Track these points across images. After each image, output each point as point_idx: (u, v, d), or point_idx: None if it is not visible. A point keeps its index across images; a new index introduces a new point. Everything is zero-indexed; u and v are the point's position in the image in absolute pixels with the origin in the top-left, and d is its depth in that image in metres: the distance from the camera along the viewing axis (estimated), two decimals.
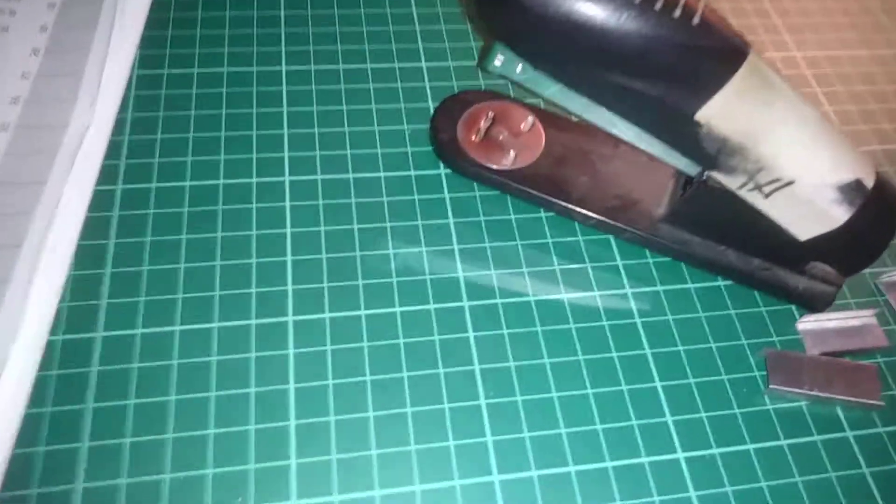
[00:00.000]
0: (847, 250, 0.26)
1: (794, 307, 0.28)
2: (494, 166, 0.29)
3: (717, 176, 0.25)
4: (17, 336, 0.23)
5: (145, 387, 0.24)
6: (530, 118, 0.31)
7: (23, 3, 0.31)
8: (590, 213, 0.28)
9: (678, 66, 0.22)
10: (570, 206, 0.28)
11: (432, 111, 0.31)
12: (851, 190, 0.24)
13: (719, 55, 0.22)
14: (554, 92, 0.25)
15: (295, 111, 0.31)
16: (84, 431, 0.22)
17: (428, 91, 0.33)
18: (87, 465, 0.22)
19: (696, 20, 0.22)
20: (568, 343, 0.26)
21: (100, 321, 0.25)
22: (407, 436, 0.24)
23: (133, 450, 0.22)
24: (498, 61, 0.25)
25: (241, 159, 0.29)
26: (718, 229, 0.27)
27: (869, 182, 0.24)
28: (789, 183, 0.24)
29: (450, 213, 0.29)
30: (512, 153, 0.29)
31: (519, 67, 0.25)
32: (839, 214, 0.24)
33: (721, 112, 0.23)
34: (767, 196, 0.24)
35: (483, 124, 0.30)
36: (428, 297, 0.27)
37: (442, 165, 0.30)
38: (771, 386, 0.25)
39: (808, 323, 0.27)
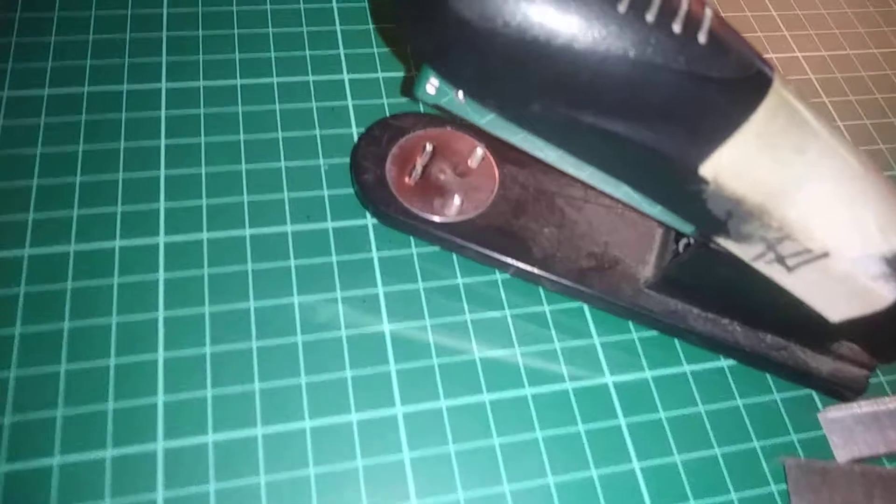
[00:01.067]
0: (892, 333, 0.20)
1: (814, 392, 0.22)
2: (434, 217, 0.22)
3: (726, 244, 0.18)
4: None
5: None
6: (479, 150, 0.24)
7: None
8: (556, 278, 0.22)
9: (677, 103, 0.16)
10: (531, 268, 0.22)
11: (356, 140, 0.24)
12: None
13: (733, 86, 0.16)
14: (507, 129, 0.18)
15: (174, 144, 0.24)
16: None
17: (351, 112, 0.26)
18: None
19: (702, 37, 0.15)
20: (534, 458, 0.20)
21: None
22: None
23: None
24: (431, 87, 0.18)
25: (103, 213, 0.22)
26: (722, 300, 0.21)
27: None
28: (822, 256, 0.18)
29: (378, 278, 0.22)
30: (456, 199, 0.23)
31: (460, 95, 0.18)
32: (887, 293, 0.18)
33: (735, 165, 0.16)
34: (792, 270, 0.18)
35: (420, 160, 0.23)
36: (349, 403, 0.20)
37: (368, 213, 0.24)
38: None
39: (834, 413, 0.22)
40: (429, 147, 0.24)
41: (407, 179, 0.23)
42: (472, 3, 0.15)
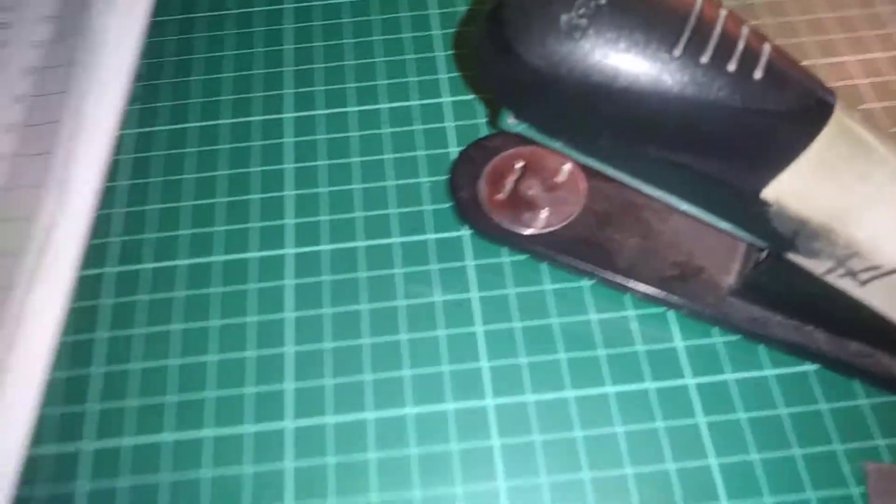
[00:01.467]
0: None
1: None
2: (523, 230, 0.25)
3: (796, 259, 0.19)
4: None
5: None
6: (567, 166, 0.26)
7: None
8: (641, 286, 0.23)
9: (735, 136, 0.17)
10: (617, 277, 0.24)
11: (453, 159, 0.27)
12: None
13: (792, 116, 0.17)
14: (580, 156, 0.20)
15: (300, 167, 0.28)
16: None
17: (450, 134, 0.28)
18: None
19: (758, 73, 0.17)
20: (614, 452, 0.22)
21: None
22: None
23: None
24: (511, 120, 0.20)
25: (240, 229, 0.26)
26: (804, 307, 0.22)
27: None
28: (893, 272, 0.18)
29: (472, 284, 0.25)
30: (544, 212, 0.25)
31: None
32: None
33: (796, 189, 0.17)
34: (864, 284, 0.19)
35: (510, 177, 0.26)
36: (444, 393, 0.23)
37: (466, 226, 0.26)
38: None
39: None
40: (519, 164, 0.26)
41: (498, 195, 0.25)
42: (541, 54, 0.17)
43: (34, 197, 0.24)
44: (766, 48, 0.17)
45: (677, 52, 0.16)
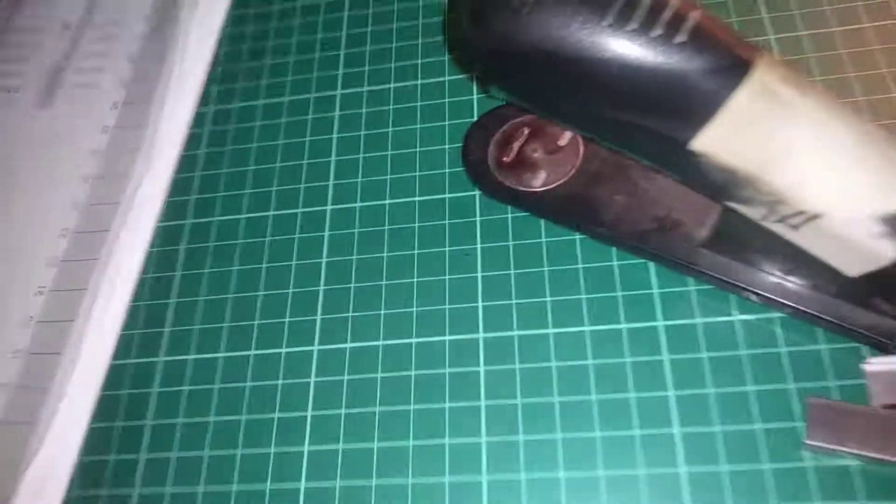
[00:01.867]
0: None
1: (864, 346, 0.24)
2: (523, 188, 0.28)
3: (737, 207, 0.22)
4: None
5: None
6: (569, 132, 0.29)
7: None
8: (621, 238, 0.26)
9: (663, 93, 0.20)
10: (601, 229, 0.27)
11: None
12: None
13: (711, 75, 0.19)
14: None
15: (343, 136, 0.33)
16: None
17: (475, 105, 0.32)
18: None
19: (680, 37, 0.19)
20: (582, 382, 0.25)
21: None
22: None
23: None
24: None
25: (290, 189, 0.32)
26: (763, 257, 0.24)
27: None
28: (816, 217, 0.20)
29: (478, 237, 0.29)
30: (543, 173, 0.28)
31: None
32: (887, 250, 0.20)
33: (721, 141, 0.20)
34: (796, 228, 0.21)
35: (517, 142, 0.29)
36: (444, 327, 0.27)
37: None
38: (807, 441, 0.22)
39: (877, 366, 0.23)
40: (525, 130, 0.29)
41: (505, 158, 0.29)
42: (495, 30, 0.21)
43: (130, 160, 0.30)
44: (694, 15, 0.20)
45: (607, 21, 0.19)
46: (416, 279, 0.28)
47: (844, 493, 0.22)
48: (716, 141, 0.20)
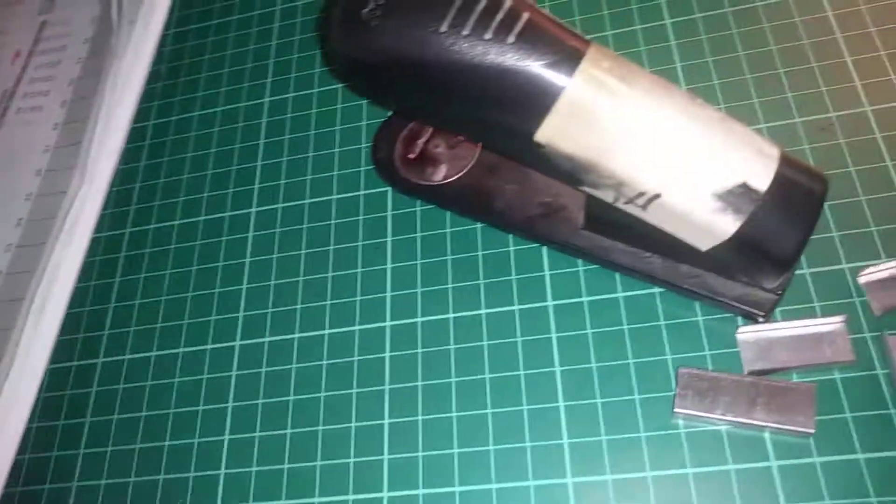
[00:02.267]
0: (753, 260, 0.22)
1: (739, 317, 0.25)
2: (426, 183, 0.30)
3: (590, 191, 0.23)
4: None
5: None
6: None
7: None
8: (512, 224, 0.28)
9: (502, 90, 0.21)
10: (492, 218, 0.28)
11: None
12: (736, 196, 0.21)
13: (543, 70, 0.21)
14: None
15: (269, 142, 0.34)
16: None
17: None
18: None
19: (511, 38, 0.21)
20: (478, 361, 0.26)
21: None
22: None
23: None
24: None
25: (219, 195, 0.33)
26: (636, 236, 0.25)
27: (761, 181, 0.21)
28: (656, 196, 0.21)
29: (389, 231, 0.30)
30: (444, 167, 0.30)
31: None
32: (725, 225, 0.21)
33: (558, 131, 0.21)
34: (644, 209, 0.22)
35: (421, 139, 0.31)
36: (355, 318, 0.29)
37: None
38: (675, 409, 0.23)
39: (749, 334, 0.24)
40: (429, 127, 0.31)
41: (410, 155, 0.30)
42: (348, 42, 0.22)
43: (68, 176, 0.33)
44: (524, 16, 0.21)
45: (443, 28, 0.21)
46: (330, 273, 0.30)
47: (715, 458, 0.23)
48: (554, 131, 0.21)
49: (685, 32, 0.31)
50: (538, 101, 0.21)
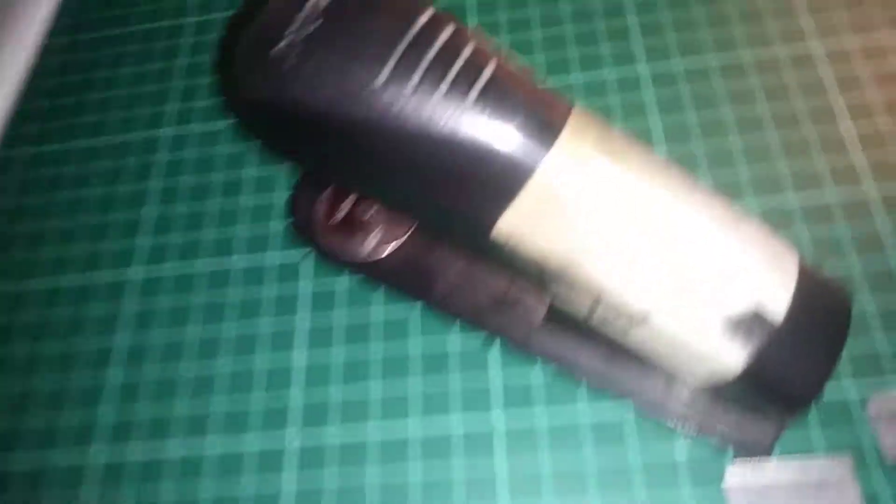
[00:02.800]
0: (762, 396, 0.18)
1: (728, 449, 0.20)
2: (350, 256, 0.24)
3: (557, 302, 0.18)
4: None
5: None
6: None
7: None
8: (453, 313, 0.22)
9: (452, 165, 0.16)
10: (433, 304, 0.23)
11: None
12: (745, 323, 0.16)
13: (510, 142, 0.16)
14: None
15: (165, 186, 0.28)
16: None
17: None
18: None
19: (470, 96, 0.15)
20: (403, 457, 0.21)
21: None
22: None
23: None
24: None
25: (94, 250, 0.27)
26: (607, 342, 0.20)
27: (779, 303, 0.16)
28: (643, 318, 0.16)
29: (299, 308, 0.24)
30: (375, 235, 0.24)
31: None
32: (731, 359, 0.16)
33: (524, 224, 0.16)
34: (626, 334, 0.17)
35: (349, 199, 0.25)
36: (247, 429, 0.23)
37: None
38: None
39: (740, 478, 0.20)
40: None
41: (334, 217, 0.25)
42: (253, 86, 0.16)
43: None
44: (489, 67, 0.16)
45: (381, 79, 0.15)
46: (225, 367, 0.24)
47: None
48: (519, 224, 0.16)
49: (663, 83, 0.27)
50: (501, 183, 0.16)
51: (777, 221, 0.23)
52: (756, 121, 0.25)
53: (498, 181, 0.16)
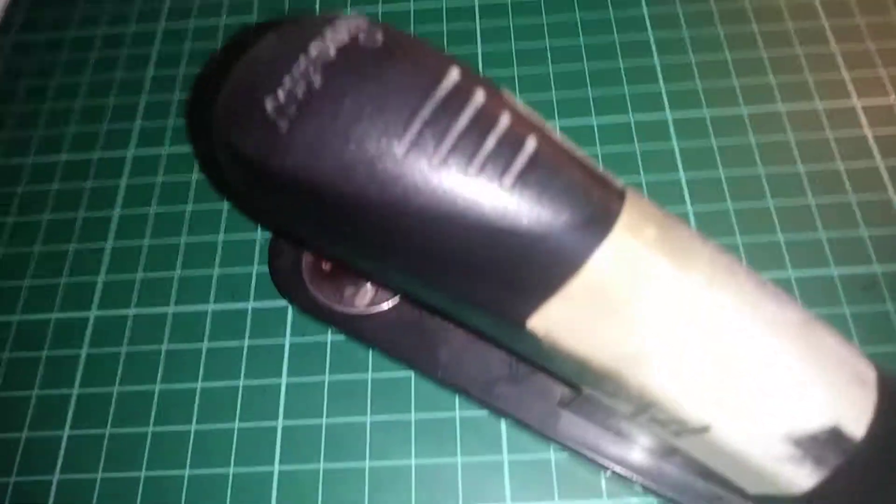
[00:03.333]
0: None
1: None
2: (342, 309, 0.21)
3: (599, 396, 0.15)
4: None
5: None
6: None
7: None
8: (462, 388, 0.20)
9: (483, 254, 0.13)
10: (432, 370, 0.20)
11: None
12: (821, 443, 0.14)
13: (554, 233, 0.13)
14: None
15: (127, 214, 0.25)
16: None
17: None
18: None
19: (508, 179, 0.13)
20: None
21: None
22: None
23: None
24: None
25: (47, 285, 0.24)
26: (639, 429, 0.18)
27: (857, 425, 0.14)
28: (702, 430, 0.14)
29: (285, 367, 0.22)
30: (369, 288, 0.21)
31: None
32: (798, 478, 0.14)
33: (565, 321, 0.14)
34: (678, 435, 0.15)
35: None
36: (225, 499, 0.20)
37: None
38: None
39: None
40: None
41: (323, 265, 0.22)
42: (245, 146, 0.14)
43: None
44: (530, 143, 0.13)
45: (401, 148, 0.13)
46: (193, 426, 0.21)
47: None
48: (559, 321, 0.14)
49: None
50: (541, 276, 0.13)
51: None
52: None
53: (537, 274, 0.13)
